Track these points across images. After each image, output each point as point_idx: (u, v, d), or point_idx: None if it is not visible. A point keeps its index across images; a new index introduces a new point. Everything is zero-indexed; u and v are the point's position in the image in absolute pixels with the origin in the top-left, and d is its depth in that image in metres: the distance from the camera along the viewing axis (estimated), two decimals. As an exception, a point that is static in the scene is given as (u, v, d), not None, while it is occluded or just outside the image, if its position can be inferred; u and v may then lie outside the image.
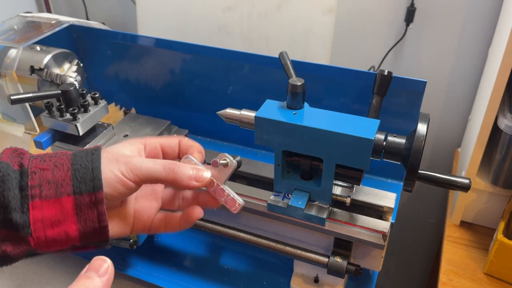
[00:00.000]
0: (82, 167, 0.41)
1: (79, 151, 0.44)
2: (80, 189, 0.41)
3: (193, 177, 0.47)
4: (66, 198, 0.40)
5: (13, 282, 0.76)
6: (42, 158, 0.42)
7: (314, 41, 1.06)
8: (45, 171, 0.40)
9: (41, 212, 0.40)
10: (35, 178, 0.40)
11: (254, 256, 0.78)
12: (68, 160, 0.41)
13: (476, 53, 1.12)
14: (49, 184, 0.40)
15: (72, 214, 0.41)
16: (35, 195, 0.40)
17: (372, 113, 0.62)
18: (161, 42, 0.88)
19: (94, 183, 0.41)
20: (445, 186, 0.55)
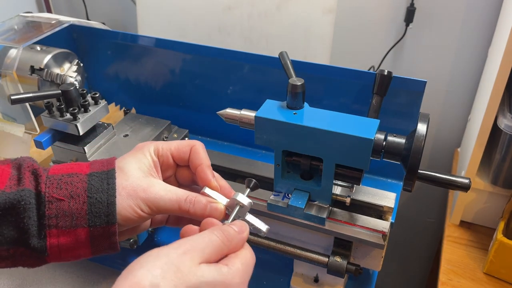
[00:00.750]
0: (98, 201, 0.42)
1: (94, 176, 0.43)
2: (94, 223, 0.42)
3: (207, 214, 0.47)
4: (81, 230, 0.42)
5: (13, 282, 0.76)
6: (58, 184, 0.42)
7: (314, 41, 1.06)
8: (61, 201, 0.41)
9: (57, 240, 0.42)
10: (51, 208, 0.41)
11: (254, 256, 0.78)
12: (84, 191, 0.42)
13: (476, 53, 1.12)
14: (65, 215, 0.42)
15: (87, 243, 0.43)
16: (52, 225, 0.41)
17: (372, 113, 0.62)
18: (161, 42, 0.89)
19: (109, 218, 0.43)
20: (445, 186, 0.55)
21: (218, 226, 0.43)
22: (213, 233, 0.41)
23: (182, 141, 0.52)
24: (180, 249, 0.38)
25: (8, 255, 0.42)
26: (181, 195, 0.46)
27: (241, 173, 0.74)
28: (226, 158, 0.76)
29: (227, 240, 0.41)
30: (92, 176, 0.43)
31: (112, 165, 0.45)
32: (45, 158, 0.76)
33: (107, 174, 0.44)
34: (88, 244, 0.43)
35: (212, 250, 0.39)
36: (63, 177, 0.43)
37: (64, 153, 0.68)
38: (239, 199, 0.48)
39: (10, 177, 0.42)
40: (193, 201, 0.46)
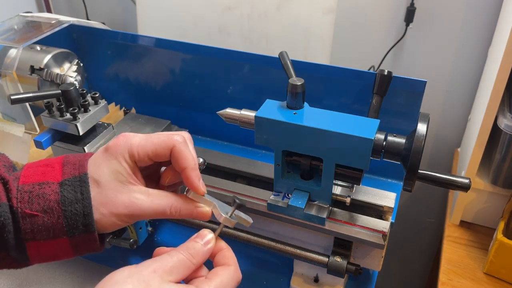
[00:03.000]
0: (73, 213, 0.41)
1: (66, 186, 0.41)
2: (73, 233, 0.41)
3: (194, 218, 0.47)
4: (61, 239, 0.41)
5: (13, 282, 0.76)
6: (29, 198, 0.40)
7: (314, 41, 1.06)
8: (35, 217, 0.40)
9: (38, 250, 0.42)
10: (26, 223, 0.40)
11: (254, 256, 0.78)
12: (57, 204, 0.41)
13: (476, 53, 1.12)
14: (42, 229, 0.41)
15: (68, 249, 0.43)
16: (29, 238, 0.41)
17: (372, 113, 0.62)
18: (161, 42, 0.88)
19: (87, 228, 0.42)
20: (445, 186, 0.56)
21: (185, 244, 0.42)
22: (179, 252, 0.41)
23: (161, 139, 0.45)
24: (150, 268, 0.38)
25: None
26: (166, 206, 0.44)
27: (241, 173, 0.74)
28: (226, 158, 0.76)
29: (192, 256, 0.41)
30: (64, 186, 0.41)
31: (84, 169, 0.43)
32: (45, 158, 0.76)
33: (79, 182, 0.42)
34: (69, 250, 0.43)
35: (179, 269, 0.40)
36: (34, 189, 0.41)
37: (64, 153, 0.67)
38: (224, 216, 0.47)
39: None
40: (179, 209, 0.45)
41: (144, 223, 0.75)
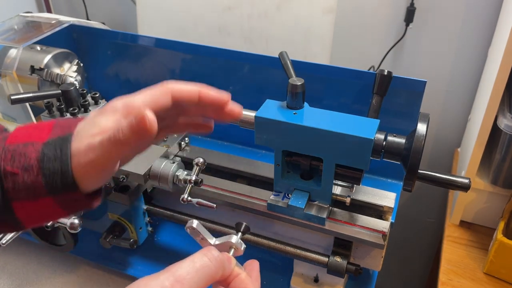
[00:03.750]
0: (52, 171, 0.39)
1: (49, 145, 0.40)
2: (54, 192, 0.40)
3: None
4: (44, 199, 0.40)
5: (13, 282, 0.76)
6: (12, 156, 0.40)
7: (314, 41, 1.06)
8: (16, 175, 0.39)
9: (25, 211, 0.40)
10: (8, 181, 0.39)
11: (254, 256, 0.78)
12: (37, 162, 0.39)
13: (476, 53, 1.12)
14: (23, 187, 0.40)
15: (57, 208, 0.41)
16: (13, 198, 0.40)
17: (372, 113, 0.62)
18: (161, 42, 0.89)
19: (67, 187, 0.40)
20: (445, 186, 0.56)
21: (207, 251, 0.41)
22: (204, 256, 0.40)
23: (156, 92, 0.43)
24: (167, 282, 0.37)
25: None
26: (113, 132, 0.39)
27: (241, 173, 0.74)
28: (226, 158, 0.76)
29: (216, 266, 0.40)
30: (47, 145, 0.40)
31: (71, 130, 0.41)
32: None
33: (62, 140, 0.40)
34: (58, 209, 0.41)
35: (201, 279, 0.39)
36: (18, 147, 0.40)
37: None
38: (234, 242, 0.47)
39: None
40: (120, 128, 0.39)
41: (144, 223, 0.75)
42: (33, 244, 0.83)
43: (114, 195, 0.69)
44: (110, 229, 0.74)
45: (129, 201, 0.69)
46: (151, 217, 0.76)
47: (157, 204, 0.76)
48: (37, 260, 0.80)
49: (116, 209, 0.72)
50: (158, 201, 0.77)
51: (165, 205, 0.76)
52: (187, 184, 0.63)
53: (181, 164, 0.67)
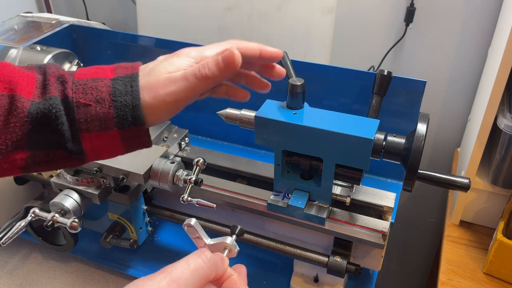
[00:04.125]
0: (123, 104, 0.43)
1: (118, 80, 0.44)
2: (123, 125, 0.43)
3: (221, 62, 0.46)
4: (112, 132, 0.43)
5: (13, 282, 0.76)
6: (83, 89, 0.43)
7: (314, 41, 1.06)
8: (88, 106, 0.42)
9: (91, 143, 0.44)
10: (80, 113, 0.42)
11: (254, 256, 0.78)
12: (108, 94, 0.43)
13: (476, 53, 1.12)
14: (94, 119, 0.43)
15: (119, 143, 0.44)
16: (83, 129, 0.43)
17: (372, 113, 0.62)
18: (161, 42, 0.89)
19: (136, 120, 0.43)
20: (445, 186, 0.56)
21: (200, 252, 0.42)
22: (198, 257, 0.41)
23: (223, 45, 0.47)
24: (163, 282, 0.38)
25: (48, 159, 0.44)
26: (195, 68, 0.45)
27: (241, 173, 0.74)
28: (226, 158, 0.76)
29: (210, 267, 0.41)
30: (116, 81, 0.44)
31: (136, 70, 0.45)
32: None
33: (130, 78, 0.44)
34: (120, 145, 0.44)
35: (196, 280, 0.40)
36: (88, 82, 0.43)
37: (64, 153, 0.68)
38: (228, 243, 0.47)
39: (36, 85, 0.43)
40: (205, 64, 0.45)
41: (144, 223, 0.75)
42: (33, 244, 0.83)
43: (114, 195, 0.70)
44: (110, 229, 0.74)
45: (129, 201, 0.69)
46: (151, 217, 0.76)
47: (157, 204, 0.76)
48: (37, 260, 0.80)
49: (116, 209, 0.72)
50: (158, 201, 0.77)
51: (165, 205, 0.76)
52: (187, 184, 0.63)
53: (181, 164, 0.67)
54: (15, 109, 0.41)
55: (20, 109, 0.41)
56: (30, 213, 0.66)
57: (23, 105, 0.41)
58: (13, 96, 0.41)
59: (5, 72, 0.43)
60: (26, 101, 0.41)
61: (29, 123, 0.41)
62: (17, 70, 0.44)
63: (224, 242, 0.47)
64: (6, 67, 0.43)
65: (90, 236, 0.81)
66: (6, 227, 0.73)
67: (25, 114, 0.41)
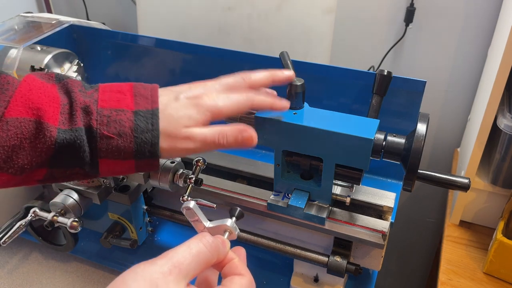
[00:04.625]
0: (143, 141, 0.46)
1: (139, 116, 0.46)
2: (140, 158, 0.47)
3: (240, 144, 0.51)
4: (129, 161, 0.47)
5: (13, 282, 0.76)
6: (108, 122, 0.45)
7: (314, 41, 1.06)
8: (111, 139, 0.45)
9: (108, 167, 0.47)
10: (102, 143, 0.45)
11: (254, 256, 0.78)
12: (131, 130, 0.46)
13: (476, 53, 1.12)
14: (115, 150, 0.46)
15: (132, 169, 0.48)
16: (102, 156, 0.46)
17: (371, 113, 0.62)
18: (161, 42, 0.89)
19: (152, 155, 0.47)
20: (445, 186, 0.56)
21: (201, 237, 0.43)
22: (200, 241, 0.41)
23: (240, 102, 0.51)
24: (165, 267, 0.39)
25: (65, 175, 0.47)
26: (214, 134, 0.49)
27: (241, 173, 0.74)
28: (226, 158, 0.76)
29: (211, 251, 0.42)
30: (138, 116, 0.46)
31: (156, 105, 0.48)
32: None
33: (151, 115, 0.47)
34: (133, 169, 0.48)
35: (197, 265, 0.40)
36: (112, 114, 0.46)
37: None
38: (228, 225, 0.47)
39: (61, 110, 0.45)
40: (225, 135, 0.49)
41: (144, 223, 0.75)
42: (33, 244, 0.83)
43: (114, 195, 0.70)
44: (110, 229, 0.74)
45: (129, 201, 0.69)
46: (151, 217, 0.76)
47: (157, 204, 0.76)
48: (37, 260, 0.80)
49: (116, 209, 0.72)
50: (158, 201, 0.77)
51: (165, 205, 0.76)
52: (187, 184, 0.63)
53: (181, 164, 0.67)
54: (43, 136, 0.43)
55: (48, 138, 0.44)
56: (30, 213, 0.66)
57: (51, 134, 0.44)
58: (41, 123, 0.44)
59: (33, 97, 0.45)
60: (53, 130, 0.44)
61: (54, 149, 0.44)
62: (43, 91, 0.46)
63: (224, 224, 0.47)
64: (33, 89, 0.45)
65: (90, 236, 0.81)
66: (6, 227, 0.73)
67: (52, 142, 0.44)
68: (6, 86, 0.45)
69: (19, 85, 0.45)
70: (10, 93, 0.44)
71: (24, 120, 0.43)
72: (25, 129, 0.43)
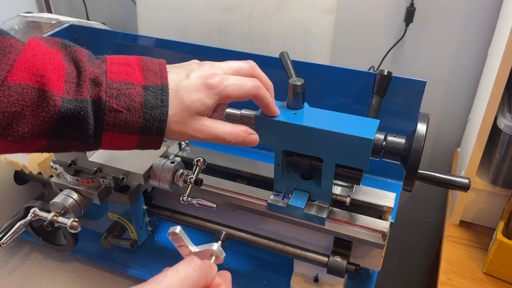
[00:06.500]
0: (152, 117, 0.45)
1: (149, 91, 0.46)
2: (146, 133, 0.46)
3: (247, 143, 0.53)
4: (133, 136, 0.46)
5: (13, 282, 0.76)
6: (117, 95, 0.44)
7: (314, 41, 1.06)
8: (120, 113, 0.44)
9: (111, 140, 0.46)
10: (110, 116, 0.44)
11: (254, 256, 0.78)
12: (140, 105, 0.45)
13: (476, 53, 1.12)
14: (122, 124, 0.45)
15: (135, 145, 0.47)
16: (108, 129, 0.45)
17: (371, 113, 0.62)
18: (161, 42, 0.89)
19: (159, 132, 0.46)
20: (445, 186, 0.56)
21: (190, 260, 0.43)
22: (188, 265, 0.41)
23: (248, 88, 0.52)
24: None
25: (64, 146, 0.46)
26: (226, 132, 0.50)
27: (241, 173, 0.74)
28: (226, 158, 0.76)
29: (200, 275, 0.42)
30: (148, 91, 0.46)
31: (166, 81, 0.47)
32: (46, 158, 0.76)
33: (161, 91, 0.46)
34: (134, 145, 0.47)
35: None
36: (122, 87, 0.45)
37: (65, 153, 0.68)
38: (215, 249, 0.47)
39: (66, 79, 0.43)
40: (236, 136, 0.51)
41: (144, 223, 0.75)
42: (33, 244, 0.83)
43: (114, 195, 0.70)
44: (110, 229, 0.74)
45: (129, 201, 0.69)
46: (151, 217, 0.76)
47: (157, 204, 0.76)
48: (37, 260, 0.80)
49: (116, 209, 0.72)
50: (158, 201, 0.77)
51: (165, 205, 0.76)
52: (187, 184, 0.63)
53: (181, 164, 0.67)
54: (46, 105, 0.41)
55: (51, 107, 0.42)
56: (30, 213, 0.66)
57: (54, 103, 0.42)
58: (44, 91, 0.42)
59: (37, 63, 0.42)
60: (57, 99, 0.42)
61: (57, 119, 0.42)
62: (48, 57, 0.44)
63: (210, 249, 0.47)
64: (37, 55, 0.43)
65: (90, 236, 0.81)
66: (6, 227, 0.73)
67: (56, 111, 0.42)
68: (9, 49, 0.42)
69: (23, 49, 0.43)
70: (13, 56, 0.42)
71: (27, 86, 0.41)
72: (27, 96, 0.41)
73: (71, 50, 0.46)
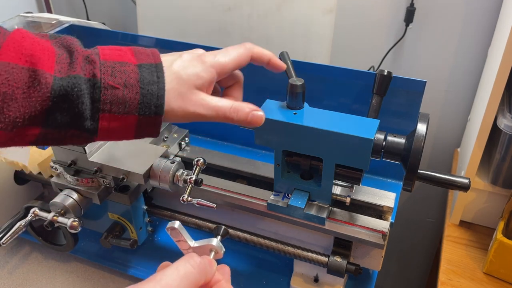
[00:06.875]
0: (149, 92, 0.44)
1: (144, 68, 0.45)
2: (144, 112, 0.44)
3: (249, 121, 0.50)
4: (131, 117, 0.44)
5: (13, 282, 0.76)
6: (112, 72, 0.43)
7: (314, 41, 1.06)
8: (116, 89, 0.43)
9: (108, 123, 0.44)
10: (107, 94, 0.43)
11: (254, 256, 0.78)
12: (136, 81, 0.44)
13: (476, 53, 1.12)
14: (119, 102, 0.43)
15: (132, 128, 0.45)
16: (105, 109, 0.43)
17: (371, 113, 0.62)
18: (161, 42, 0.89)
19: (157, 109, 0.45)
20: (445, 186, 0.56)
21: (189, 257, 0.42)
22: (187, 262, 0.41)
23: (241, 54, 0.51)
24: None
25: (59, 136, 0.44)
26: (226, 106, 0.49)
27: (241, 173, 0.74)
28: (226, 158, 0.76)
29: (199, 272, 0.41)
30: (142, 68, 0.45)
31: (158, 59, 0.46)
32: (46, 158, 0.76)
33: (156, 68, 0.45)
34: (133, 130, 0.45)
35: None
36: (116, 65, 0.44)
37: (64, 153, 0.68)
38: (214, 245, 0.47)
39: (57, 59, 0.42)
40: (237, 109, 0.49)
41: (144, 223, 0.75)
42: (33, 244, 0.83)
43: (114, 195, 0.70)
44: (110, 229, 0.74)
45: (129, 201, 0.69)
46: (151, 217, 0.76)
47: (157, 204, 0.76)
48: (37, 260, 0.80)
49: (116, 209, 0.72)
50: (158, 201, 0.77)
51: (165, 205, 0.76)
52: (187, 184, 0.63)
53: (181, 164, 0.67)
54: (38, 84, 0.40)
55: (43, 85, 0.40)
56: (30, 213, 0.66)
57: (46, 81, 0.40)
58: (35, 70, 0.40)
59: (26, 44, 0.41)
60: (49, 77, 0.41)
61: (50, 99, 0.41)
62: (37, 41, 0.43)
63: (210, 244, 0.46)
64: (26, 38, 0.42)
65: (90, 236, 0.81)
66: (6, 227, 0.73)
67: (49, 90, 0.41)
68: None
69: (11, 33, 0.41)
70: (1, 39, 0.40)
71: (17, 66, 0.40)
72: (17, 77, 0.40)
73: (61, 38, 0.45)
